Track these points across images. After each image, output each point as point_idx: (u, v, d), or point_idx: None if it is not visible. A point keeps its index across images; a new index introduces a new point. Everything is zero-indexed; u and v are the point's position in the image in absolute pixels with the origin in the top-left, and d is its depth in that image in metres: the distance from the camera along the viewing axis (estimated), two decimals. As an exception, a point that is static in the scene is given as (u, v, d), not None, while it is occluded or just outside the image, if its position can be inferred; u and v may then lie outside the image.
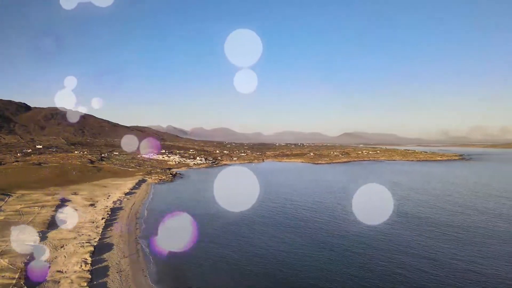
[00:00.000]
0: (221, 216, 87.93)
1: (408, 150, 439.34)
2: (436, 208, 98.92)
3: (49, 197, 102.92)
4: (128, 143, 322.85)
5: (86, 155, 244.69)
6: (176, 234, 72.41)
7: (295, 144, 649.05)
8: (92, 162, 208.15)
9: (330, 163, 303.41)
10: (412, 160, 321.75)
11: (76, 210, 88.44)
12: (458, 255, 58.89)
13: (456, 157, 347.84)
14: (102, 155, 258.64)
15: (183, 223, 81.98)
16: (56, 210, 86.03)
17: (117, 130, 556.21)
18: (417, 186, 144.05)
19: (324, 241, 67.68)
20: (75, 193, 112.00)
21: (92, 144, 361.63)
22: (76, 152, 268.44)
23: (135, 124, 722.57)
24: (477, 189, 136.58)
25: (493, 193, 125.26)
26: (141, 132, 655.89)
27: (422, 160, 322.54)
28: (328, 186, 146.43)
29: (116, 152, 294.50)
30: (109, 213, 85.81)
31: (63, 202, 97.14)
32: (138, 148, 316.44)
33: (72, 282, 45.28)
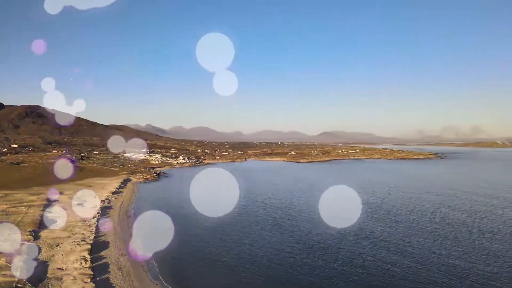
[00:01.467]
0: (211, 214, 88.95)
1: (386, 149, 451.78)
2: (420, 205, 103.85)
3: (34, 197, 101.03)
4: (115, 143, 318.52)
5: (65, 154, 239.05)
6: (169, 232, 72.88)
7: (275, 143, 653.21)
8: (72, 161, 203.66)
9: (311, 161, 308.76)
10: (390, 159, 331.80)
11: (65, 209, 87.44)
12: (435, 249, 62.75)
13: (432, 156, 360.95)
14: (82, 154, 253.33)
15: (175, 221, 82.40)
16: (44, 210, 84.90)
17: (95, 129, 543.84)
18: (401, 184, 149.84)
19: (309, 238, 70.35)
20: (60, 193, 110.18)
21: (70, 143, 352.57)
22: (54, 151, 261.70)
23: (113, 123, 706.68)
24: (458, 187, 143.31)
25: (475, 191, 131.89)
26: (120, 131, 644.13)
27: (400, 159, 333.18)
28: (314, 184, 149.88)
29: (96, 151, 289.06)
30: (100, 212, 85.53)
31: (50, 202, 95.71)
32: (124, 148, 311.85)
33: (75, 279, 45.75)
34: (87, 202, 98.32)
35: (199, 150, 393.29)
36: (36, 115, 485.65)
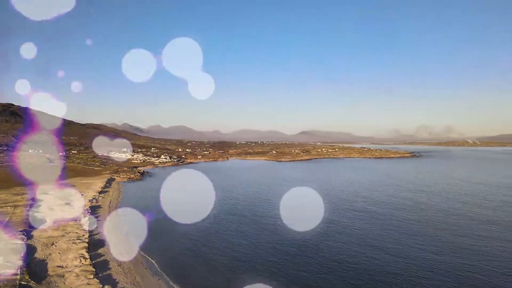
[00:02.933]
0: (200, 212, 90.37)
1: (364, 148, 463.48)
2: (405, 203, 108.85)
3: (18, 197, 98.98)
4: (100, 144, 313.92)
5: (43, 154, 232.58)
6: (161, 230, 74.12)
7: (255, 142, 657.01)
8: (51, 161, 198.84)
9: (293, 160, 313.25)
10: (369, 157, 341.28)
11: (52, 209, 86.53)
12: (414, 244, 66.86)
13: (408, 154, 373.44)
14: (60, 154, 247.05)
15: (165, 219, 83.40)
16: (31, 210, 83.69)
17: (72, 127, 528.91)
18: (386, 182, 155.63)
19: (291, 235, 73.22)
20: (44, 193, 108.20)
21: (46, 142, 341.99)
22: (30, 150, 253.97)
23: (89, 122, 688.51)
24: (436, 184, 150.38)
25: (450, 189, 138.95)
26: (97, 130, 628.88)
27: (378, 157, 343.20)
28: (301, 183, 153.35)
29: (75, 150, 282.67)
30: (89, 211, 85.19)
31: (35, 202, 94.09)
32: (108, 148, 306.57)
33: (77, 276, 46.42)
34: (74, 201, 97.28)
35: (180, 150, 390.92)
36: (9, 113, 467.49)
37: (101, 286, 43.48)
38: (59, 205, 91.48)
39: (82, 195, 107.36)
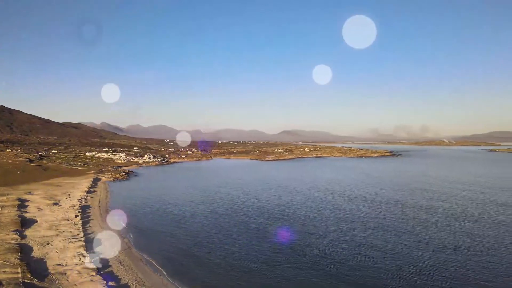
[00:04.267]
0: (191, 210, 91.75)
1: (345, 147, 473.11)
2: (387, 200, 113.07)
3: (4, 197, 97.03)
4: (81, 144, 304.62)
5: (22, 153, 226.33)
6: (154, 228, 74.78)
7: (238, 142, 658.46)
8: (31, 161, 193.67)
9: (277, 160, 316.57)
10: (351, 157, 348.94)
11: (41, 209, 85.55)
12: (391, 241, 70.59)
13: (388, 154, 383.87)
14: (40, 153, 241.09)
15: (157, 217, 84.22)
16: (19, 210, 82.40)
17: (50, 126, 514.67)
18: (372, 181, 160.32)
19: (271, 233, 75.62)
20: (30, 193, 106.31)
21: (24, 142, 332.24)
22: (8, 150, 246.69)
23: (68, 121, 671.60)
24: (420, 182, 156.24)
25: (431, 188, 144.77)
26: (76, 129, 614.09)
27: (360, 156, 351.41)
28: (291, 182, 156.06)
29: (55, 150, 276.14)
30: (80, 211, 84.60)
31: (22, 202, 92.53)
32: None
33: (79, 273, 46.89)
34: (62, 201, 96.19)
35: (163, 149, 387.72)
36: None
37: (105, 282, 44.18)
38: (48, 205, 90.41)
39: (69, 195, 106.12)
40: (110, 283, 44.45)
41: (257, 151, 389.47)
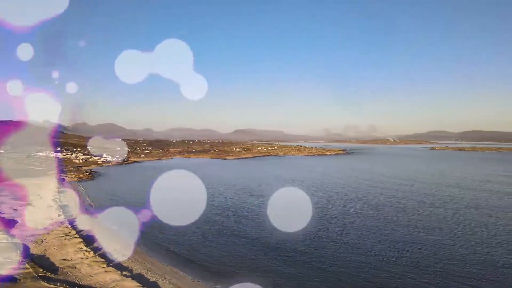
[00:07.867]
0: (171, 204, 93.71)
1: (301, 146, 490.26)
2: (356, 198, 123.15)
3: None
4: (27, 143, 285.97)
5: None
6: (141, 223, 76.23)
7: (192, 141, 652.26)
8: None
9: (238, 158, 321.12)
10: (307, 155, 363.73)
11: (16, 210, 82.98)
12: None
13: (341, 152, 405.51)
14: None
15: (144, 213, 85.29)
16: (-8, 211, 79.45)
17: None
18: (339, 181, 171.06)
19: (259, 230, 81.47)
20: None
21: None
22: None
23: (8, 119, 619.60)
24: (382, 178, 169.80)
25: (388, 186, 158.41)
26: (15, 127, 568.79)
27: (316, 155, 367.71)
28: (258, 180, 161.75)
29: (1, 150, 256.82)
30: (60, 210, 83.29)
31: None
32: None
33: (90, 266, 48.66)
34: (35, 202, 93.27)
35: (118, 148, 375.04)
36: None
37: (119, 272, 46.53)
38: (20, 206, 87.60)
39: (39, 195, 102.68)
40: (124, 272, 46.88)
41: (216, 150, 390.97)
